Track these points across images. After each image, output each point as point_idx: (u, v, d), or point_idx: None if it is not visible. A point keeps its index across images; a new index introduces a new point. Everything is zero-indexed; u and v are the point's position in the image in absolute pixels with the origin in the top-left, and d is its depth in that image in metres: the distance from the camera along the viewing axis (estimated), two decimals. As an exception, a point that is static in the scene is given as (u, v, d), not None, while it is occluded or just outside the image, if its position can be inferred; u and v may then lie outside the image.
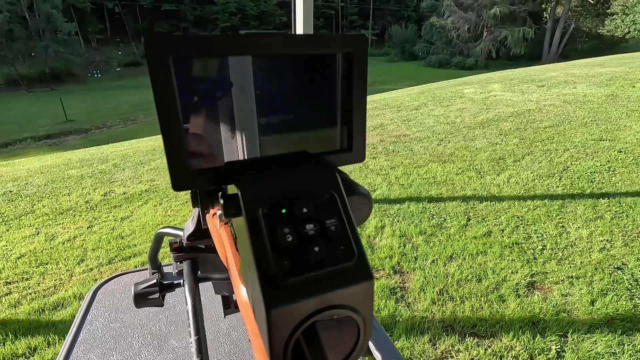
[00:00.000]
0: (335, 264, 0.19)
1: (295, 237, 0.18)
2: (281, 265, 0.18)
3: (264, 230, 0.19)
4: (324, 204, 0.20)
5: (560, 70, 8.91)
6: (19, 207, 3.35)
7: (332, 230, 0.20)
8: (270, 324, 0.18)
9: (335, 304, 0.19)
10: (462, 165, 3.68)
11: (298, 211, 0.20)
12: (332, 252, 0.19)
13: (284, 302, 0.18)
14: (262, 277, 0.18)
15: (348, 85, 0.21)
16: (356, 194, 0.23)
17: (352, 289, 0.19)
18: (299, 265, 0.18)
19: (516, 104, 5.94)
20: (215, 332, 0.75)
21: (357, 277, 0.19)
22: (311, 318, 0.18)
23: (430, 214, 2.80)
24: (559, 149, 3.94)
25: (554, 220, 2.64)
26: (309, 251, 0.19)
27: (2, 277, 2.34)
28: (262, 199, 0.20)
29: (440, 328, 1.78)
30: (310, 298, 0.18)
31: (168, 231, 0.78)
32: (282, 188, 0.20)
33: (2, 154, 10.70)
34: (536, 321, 1.79)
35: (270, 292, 0.18)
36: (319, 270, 0.18)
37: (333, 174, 0.22)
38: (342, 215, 0.20)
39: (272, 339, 0.18)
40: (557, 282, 2.04)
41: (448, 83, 8.96)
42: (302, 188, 0.21)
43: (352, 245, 0.20)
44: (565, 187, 3.11)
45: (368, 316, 0.20)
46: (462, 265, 2.21)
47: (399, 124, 5.37)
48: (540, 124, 4.83)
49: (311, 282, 0.18)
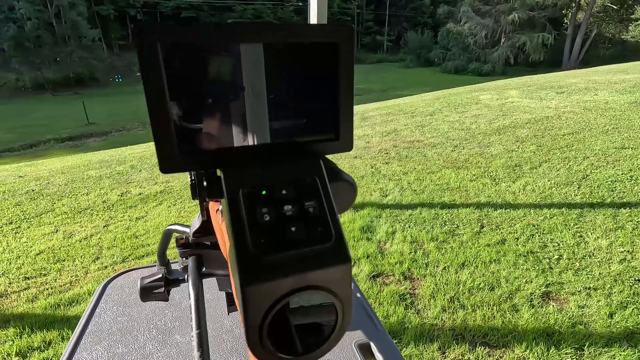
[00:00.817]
0: (312, 245, 0.19)
1: (274, 217, 0.19)
2: (258, 243, 0.18)
3: (243, 210, 0.19)
4: (304, 188, 0.21)
5: (580, 76, 8.69)
6: (40, 206, 3.46)
7: (311, 212, 0.20)
8: (246, 301, 0.18)
9: (312, 284, 0.19)
10: (476, 172, 3.62)
11: (278, 193, 0.20)
12: (309, 233, 0.19)
13: (260, 279, 0.18)
14: (239, 255, 0.18)
15: (334, 75, 0.22)
16: (340, 180, 0.23)
17: (329, 271, 0.19)
18: (276, 243, 0.19)
19: (534, 110, 5.82)
20: (218, 329, 0.76)
21: (335, 259, 0.19)
22: (287, 297, 0.18)
23: (443, 221, 2.76)
24: (578, 157, 3.83)
25: (572, 229, 2.56)
26: (286, 230, 0.19)
27: (22, 273, 2.42)
28: (244, 182, 0.20)
29: (450, 336, 1.74)
30: (286, 277, 0.18)
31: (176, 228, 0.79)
32: (264, 172, 0.21)
33: (27, 154, 11.12)
34: (551, 333, 1.73)
35: (246, 269, 0.18)
36: (295, 250, 0.19)
37: (317, 161, 0.22)
38: (322, 199, 0.21)
39: (248, 317, 0.18)
40: (574, 293, 1.97)
41: (464, 89, 8.86)
42: (285, 173, 0.21)
43: (330, 228, 0.20)
44: (584, 196, 3.01)
45: (346, 299, 0.20)
46: (474, 273, 2.17)
47: (413, 129, 5.34)
48: (559, 131, 4.71)
49: (288, 261, 0.19)
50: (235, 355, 0.70)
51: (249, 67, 0.21)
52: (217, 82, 0.21)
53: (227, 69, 0.21)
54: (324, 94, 0.22)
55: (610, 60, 18.92)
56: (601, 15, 26.24)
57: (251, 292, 0.18)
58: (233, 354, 0.70)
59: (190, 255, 0.66)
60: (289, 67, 0.22)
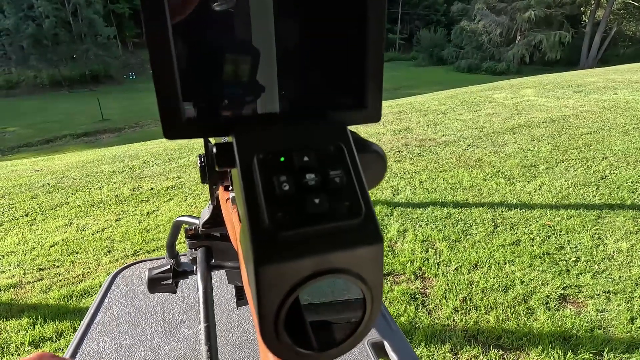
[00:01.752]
0: (338, 220, 0.16)
1: (293, 187, 0.16)
2: (275, 217, 0.16)
3: (258, 179, 0.16)
4: (328, 155, 0.18)
5: (599, 75, 8.45)
6: (55, 199, 3.52)
7: (337, 182, 0.17)
8: (259, 284, 0.15)
9: (337, 267, 0.16)
10: (490, 171, 3.54)
11: (298, 160, 0.17)
12: (334, 206, 0.17)
13: (276, 258, 0.15)
14: (252, 231, 0.16)
15: (362, 32, 0.19)
16: (368, 151, 0.21)
17: (357, 252, 0.17)
18: (295, 217, 0.16)
19: (550, 109, 5.68)
20: (226, 323, 0.74)
21: (364, 238, 0.17)
22: (308, 282, 0.16)
23: (455, 220, 2.71)
24: (597, 157, 3.71)
25: (590, 231, 2.48)
26: (307, 203, 0.16)
27: (36, 264, 2.46)
28: (259, 147, 0.17)
29: (462, 337, 1.70)
30: (307, 257, 0.16)
31: (186, 219, 0.78)
32: (283, 136, 0.18)
33: (44, 149, 11.38)
34: (568, 337, 1.68)
35: (261, 246, 0.15)
36: (318, 225, 0.16)
37: (342, 126, 0.19)
38: (349, 168, 0.18)
39: (262, 303, 0.16)
40: (592, 297, 1.91)
41: (477, 88, 8.70)
42: (307, 138, 0.18)
43: (359, 201, 0.17)
44: (603, 197, 2.92)
45: (376, 287, 0.18)
46: (487, 274, 2.12)
47: (425, 127, 5.26)
48: (577, 130, 4.58)
49: (309, 239, 0.16)
50: (244, 351, 0.68)
51: (259, 20, 0.18)
52: (227, 39, 0.19)
53: (236, 22, 0.18)
54: (348, 52, 0.20)
55: (630, 59, 18.35)
56: (621, 12, 25.48)
57: (266, 273, 0.15)
58: (242, 349, 0.68)
59: (199, 247, 0.65)
60: (306, 18, 0.19)
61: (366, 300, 0.18)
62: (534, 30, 24.66)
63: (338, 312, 0.18)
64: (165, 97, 0.17)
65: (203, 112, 0.19)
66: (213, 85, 0.19)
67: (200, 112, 0.18)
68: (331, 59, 0.20)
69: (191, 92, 0.18)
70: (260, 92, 0.19)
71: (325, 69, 0.20)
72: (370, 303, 0.18)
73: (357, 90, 0.20)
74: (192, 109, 0.18)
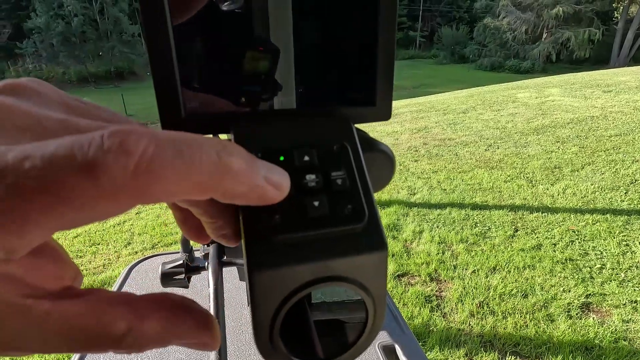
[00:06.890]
0: (339, 225, 0.15)
1: (292, 188, 0.15)
2: (272, 220, 0.15)
3: None
4: (331, 154, 0.17)
5: (631, 74, 8.05)
6: (79, 191, 3.65)
7: (339, 185, 0.16)
8: (253, 289, 0.15)
9: (337, 275, 0.15)
10: (511, 173, 3.44)
11: (298, 159, 0.16)
12: (336, 209, 0.16)
13: (272, 263, 0.15)
14: (248, 234, 0.15)
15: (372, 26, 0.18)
16: (375, 151, 0.20)
17: (358, 259, 0.16)
18: (293, 221, 0.15)
19: (577, 110, 5.46)
20: (237, 320, 0.74)
21: (367, 245, 0.16)
22: (305, 289, 0.15)
23: (474, 222, 2.64)
24: (626, 160, 3.55)
25: (617, 237, 2.37)
26: (307, 205, 0.15)
27: (60, 254, 2.55)
28: (257, 144, 0.17)
29: (478, 343, 1.66)
30: (304, 264, 0.15)
31: None
32: (283, 134, 0.17)
33: (70, 143, 11.83)
34: (590, 347, 1.61)
35: (256, 250, 0.15)
36: (317, 230, 0.15)
37: (347, 124, 0.18)
38: (353, 169, 0.17)
39: (256, 310, 0.15)
40: (618, 306, 1.82)
41: (500, 87, 8.46)
42: (308, 136, 0.18)
43: (362, 205, 0.16)
44: (632, 202, 2.78)
45: (379, 297, 0.17)
46: (506, 278, 2.06)
47: (445, 127, 5.16)
48: (605, 132, 4.39)
49: (307, 244, 0.15)
50: (253, 348, 0.68)
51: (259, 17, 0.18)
52: (223, 36, 0.18)
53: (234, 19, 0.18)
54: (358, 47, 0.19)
55: (666, 58, 17.41)
56: (657, 8, 24.21)
57: (261, 280, 0.15)
58: (251, 345, 0.68)
59: (212, 243, 0.65)
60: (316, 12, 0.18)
61: (368, 310, 0.17)
62: (562, 27, 23.76)
63: (339, 324, 0.17)
64: (164, 93, 0.17)
65: (202, 108, 0.18)
66: (212, 82, 0.18)
67: (199, 108, 0.18)
68: (339, 54, 0.19)
69: (190, 88, 0.17)
70: (259, 88, 0.19)
71: (333, 65, 0.19)
72: (372, 312, 0.17)
73: (365, 87, 0.19)
74: (192, 105, 0.18)
